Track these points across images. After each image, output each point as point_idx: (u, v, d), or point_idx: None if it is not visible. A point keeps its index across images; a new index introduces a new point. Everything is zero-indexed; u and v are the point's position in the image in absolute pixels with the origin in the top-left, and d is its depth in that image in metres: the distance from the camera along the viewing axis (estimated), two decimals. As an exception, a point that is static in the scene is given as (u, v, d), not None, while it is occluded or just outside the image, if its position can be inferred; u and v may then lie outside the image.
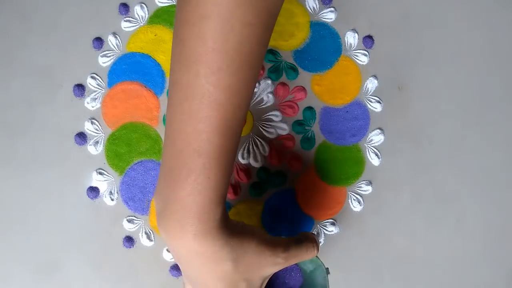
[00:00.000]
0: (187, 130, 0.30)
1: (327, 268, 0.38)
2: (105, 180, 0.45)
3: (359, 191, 0.46)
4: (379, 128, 0.46)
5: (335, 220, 0.45)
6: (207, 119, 0.30)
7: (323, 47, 0.47)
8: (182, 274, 0.35)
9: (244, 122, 0.32)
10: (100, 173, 0.45)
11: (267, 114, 0.46)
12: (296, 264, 0.39)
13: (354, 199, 0.45)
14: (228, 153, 0.31)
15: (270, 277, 0.35)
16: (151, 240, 0.44)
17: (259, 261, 0.33)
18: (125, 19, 0.46)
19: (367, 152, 0.46)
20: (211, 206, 0.31)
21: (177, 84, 0.31)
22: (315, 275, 0.39)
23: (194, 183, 0.30)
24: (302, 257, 0.35)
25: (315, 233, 0.45)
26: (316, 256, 0.37)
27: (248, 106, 0.32)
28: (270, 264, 0.33)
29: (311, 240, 0.36)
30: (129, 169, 0.45)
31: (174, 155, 0.31)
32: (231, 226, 0.32)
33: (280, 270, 0.37)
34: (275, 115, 0.46)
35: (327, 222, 0.45)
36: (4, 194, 0.44)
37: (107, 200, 0.44)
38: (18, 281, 0.44)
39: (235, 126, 0.31)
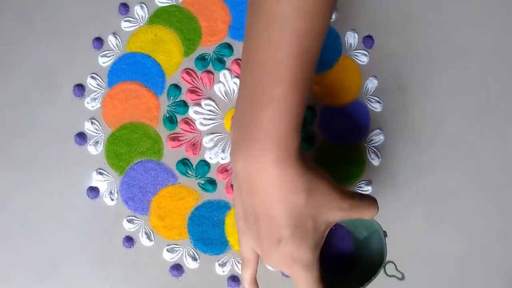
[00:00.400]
0: (267, 58, 0.30)
1: (385, 231, 0.37)
2: (105, 180, 0.45)
3: (359, 191, 0.46)
4: (379, 128, 0.46)
5: (335, 220, 0.45)
6: (288, 46, 0.30)
7: (323, 47, 0.46)
8: (240, 220, 0.34)
9: (319, 52, 0.32)
10: (100, 173, 0.45)
11: (267, 114, 0.46)
12: (348, 232, 0.38)
13: (354, 199, 0.45)
14: (306, 80, 0.31)
15: (331, 227, 0.34)
16: (151, 240, 0.44)
17: (328, 201, 0.32)
18: (125, 19, 0.46)
19: (367, 152, 0.46)
20: (291, 133, 0.31)
21: (257, 13, 0.31)
22: (369, 240, 0.37)
23: (275, 110, 0.30)
24: (364, 211, 0.34)
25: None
26: (374, 220, 0.36)
27: (325, 36, 0.32)
28: (337, 208, 0.33)
29: (373, 199, 0.35)
30: (129, 169, 0.45)
31: (254, 84, 0.31)
32: (306, 158, 0.32)
33: (331, 236, 0.36)
34: (275, 115, 0.46)
35: (327, 222, 0.45)
36: (4, 194, 0.44)
37: (107, 200, 0.44)
38: (19, 281, 0.44)
39: (313, 54, 0.31)
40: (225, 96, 0.46)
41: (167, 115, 0.45)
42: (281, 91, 0.30)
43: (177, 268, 0.44)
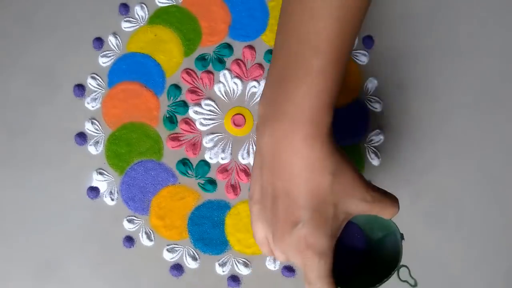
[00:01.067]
0: (305, 30, 0.29)
1: (402, 234, 0.35)
2: (105, 180, 0.45)
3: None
4: (379, 128, 0.46)
5: (335, 220, 0.45)
6: (329, 18, 0.29)
7: (323, 47, 0.47)
8: (255, 200, 0.33)
9: (360, 27, 0.31)
10: (100, 173, 0.45)
11: (267, 114, 0.46)
12: (361, 230, 0.36)
13: (354, 199, 0.45)
14: (345, 55, 0.30)
15: (348, 220, 0.32)
16: (151, 240, 0.44)
17: (352, 189, 0.31)
18: (125, 19, 0.46)
19: (367, 152, 0.46)
20: (324, 110, 0.30)
21: None
22: (383, 242, 0.35)
23: (310, 84, 0.29)
24: (385, 208, 0.32)
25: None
26: (392, 220, 0.34)
27: (366, 11, 0.31)
28: (359, 198, 0.31)
29: (395, 198, 0.33)
30: (129, 169, 0.45)
31: (289, 56, 0.30)
32: (335, 139, 0.31)
33: (343, 233, 0.34)
34: (275, 115, 0.46)
35: (327, 222, 0.45)
36: (4, 194, 0.44)
37: (107, 200, 0.44)
38: (18, 281, 0.44)
39: (354, 28, 0.30)
40: (225, 96, 0.46)
41: (167, 115, 0.45)
42: (319, 64, 0.29)
43: (177, 268, 0.44)
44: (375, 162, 0.46)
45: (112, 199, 0.44)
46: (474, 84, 0.47)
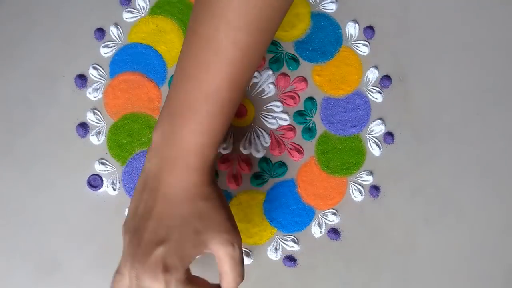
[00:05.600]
0: (199, 77, 0.33)
1: None
2: (107, 170, 0.45)
3: (360, 181, 0.46)
4: (380, 119, 0.46)
5: (336, 210, 0.45)
6: (219, 73, 0.32)
7: (324, 38, 0.47)
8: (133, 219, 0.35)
9: (250, 80, 0.35)
10: (102, 163, 0.45)
11: (268, 105, 0.46)
12: None
13: (355, 189, 0.46)
14: (232, 104, 0.34)
15: (202, 254, 0.34)
16: (153, 230, 0.44)
17: (218, 225, 0.34)
18: (126, 9, 0.46)
19: (368, 142, 0.46)
20: (206, 146, 0.34)
21: (195, 34, 0.33)
22: None
23: (198, 123, 0.33)
24: (227, 272, 0.34)
25: (316, 223, 0.45)
26: None
27: (256, 67, 0.35)
28: (219, 239, 0.33)
29: (239, 275, 0.35)
30: (131, 159, 0.45)
31: (183, 96, 0.34)
32: (214, 178, 0.36)
33: None
34: (276, 106, 0.46)
35: (328, 212, 0.45)
36: (6, 185, 0.44)
37: (109, 190, 0.45)
38: (21, 273, 0.44)
39: (243, 81, 0.34)
40: (226, 87, 0.46)
41: (169, 106, 0.45)
42: (208, 109, 0.33)
43: (179, 257, 0.44)
44: (376, 152, 0.46)
45: (114, 189, 0.45)
46: (475, 74, 0.47)
